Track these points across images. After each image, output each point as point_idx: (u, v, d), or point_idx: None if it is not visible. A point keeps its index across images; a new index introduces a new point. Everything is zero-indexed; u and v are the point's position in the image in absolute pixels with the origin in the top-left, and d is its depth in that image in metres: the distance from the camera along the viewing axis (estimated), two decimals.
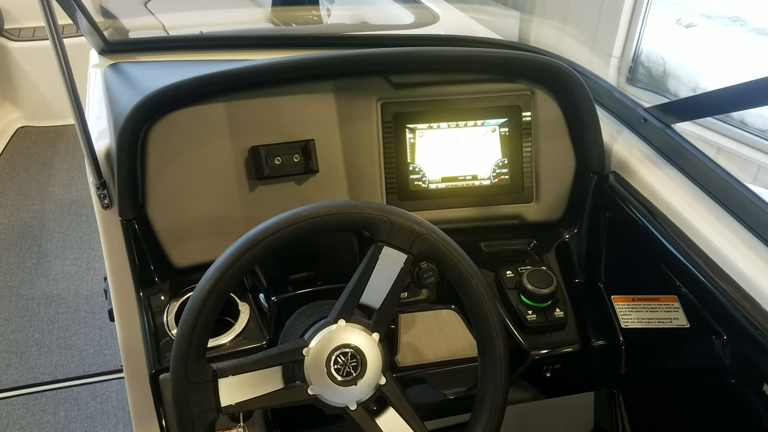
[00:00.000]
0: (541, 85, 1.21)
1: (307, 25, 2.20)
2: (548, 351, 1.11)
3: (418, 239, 0.87)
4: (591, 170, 1.22)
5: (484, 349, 0.90)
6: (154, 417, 1.52)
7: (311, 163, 1.13)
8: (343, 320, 0.88)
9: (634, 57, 2.42)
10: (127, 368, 1.45)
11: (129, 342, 1.41)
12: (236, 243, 0.84)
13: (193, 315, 0.81)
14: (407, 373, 1.10)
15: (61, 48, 1.03)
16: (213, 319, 0.83)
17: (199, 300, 0.82)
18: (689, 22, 2.23)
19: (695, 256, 1.06)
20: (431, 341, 1.14)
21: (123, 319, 1.38)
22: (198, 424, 0.82)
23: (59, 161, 3.31)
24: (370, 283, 0.88)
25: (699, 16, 2.21)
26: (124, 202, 1.08)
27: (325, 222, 0.85)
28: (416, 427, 0.88)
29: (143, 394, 1.48)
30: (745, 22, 2.10)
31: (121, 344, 1.41)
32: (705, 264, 1.05)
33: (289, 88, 1.15)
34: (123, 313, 1.37)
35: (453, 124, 1.20)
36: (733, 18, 2.13)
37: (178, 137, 1.10)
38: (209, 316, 0.82)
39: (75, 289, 2.49)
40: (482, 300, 0.88)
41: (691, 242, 1.08)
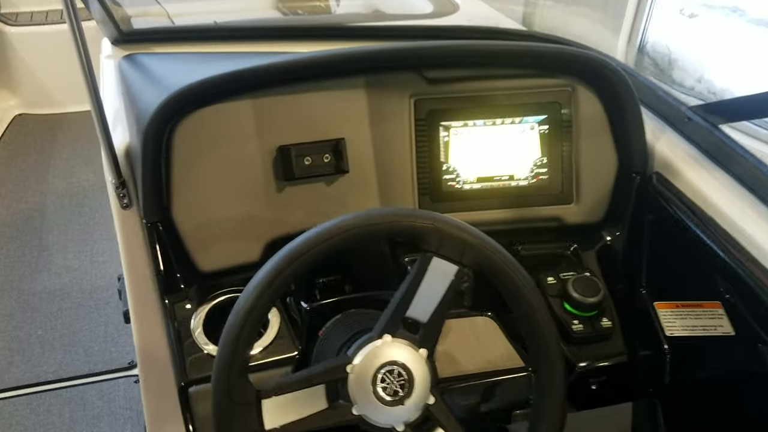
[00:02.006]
0: (583, 80, 1.16)
1: (319, 15, 2.13)
2: (595, 363, 1.06)
3: (470, 249, 0.81)
4: (633, 171, 1.17)
5: (540, 365, 0.85)
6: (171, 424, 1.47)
7: (342, 164, 1.08)
8: (389, 335, 0.82)
9: (640, 47, 2.37)
10: (144, 373, 1.40)
11: (146, 346, 1.36)
12: (280, 253, 0.79)
13: (236, 331, 0.76)
14: (446, 386, 1.05)
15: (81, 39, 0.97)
16: (255, 335, 0.78)
17: (241, 315, 0.76)
18: (692, 12, 2.19)
19: (745, 261, 1.01)
20: (468, 351, 1.08)
21: (140, 322, 1.33)
22: None
23: (59, 150, 3.23)
24: (417, 296, 0.82)
25: (700, 6, 2.16)
26: (149, 204, 1.02)
27: (372, 231, 0.79)
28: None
29: (160, 400, 1.43)
30: (744, 12, 2.06)
31: (138, 348, 1.36)
32: (755, 268, 1.00)
33: (318, 84, 1.09)
34: (141, 316, 1.32)
35: (489, 122, 1.15)
36: (732, 8, 2.09)
37: (203, 136, 1.04)
38: (251, 332, 0.77)
39: (78, 283, 2.43)
40: (538, 314, 0.83)
41: (740, 246, 1.03)
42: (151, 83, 1.12)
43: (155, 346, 1.37)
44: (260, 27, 1.49)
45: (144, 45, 1.42)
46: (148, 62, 1.29)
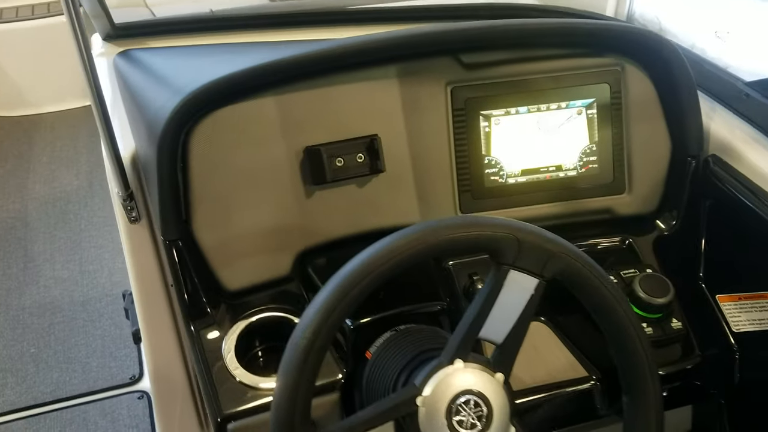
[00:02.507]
0: (632, 58, 1.06)
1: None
2: (669, 369, 0.97)
3: (552, 259, 0.71)
4: (689, 154, 1.08)
5: (634, 387, 0.75)
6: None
7: (378, 163, 0.97)
8: (461, 360, 0.72)
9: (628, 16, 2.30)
10: (158, 394, 1.30)
11: (159, 366, 1.25)
12: (337, 279, 0.68)
13: (296, 372, 0.65)
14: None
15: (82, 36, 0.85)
16: (317, 372, 0.67)
17: (301, 353, 0.65)
18: None
19: None
20: (527, 361, 0.99)
21: (153, 343, 1.22)
22: None
23: (37, 154, 3.07)
24: (491, 315, 0.72)
25: None
26: (167, 220, 0.91)
27: (440, 246, 0.69)
28: None
29: (176, 423, 1.33)
30: None
31: (150, 369, 1.25)
32: None
33: (345, 76, 0.98)
34: (153, 337, 1.21)
35: (533, 108, 1.04)
36: None
37: (223, 140, 0.93)
38: (314, 371, 0.66)
39: (69, 295, 2.29)
40: (631, 330, 0.74)
41: None
42: (159, 84, 1.00)
43: (169, 367, 1.27)
44: (263, 14, 1.37)
45: (138, 39, 1.30)
46: (147, 59, 1.16)
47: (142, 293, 1.18)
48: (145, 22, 1.30)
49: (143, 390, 1.96)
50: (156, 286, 1.17)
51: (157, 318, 1.20)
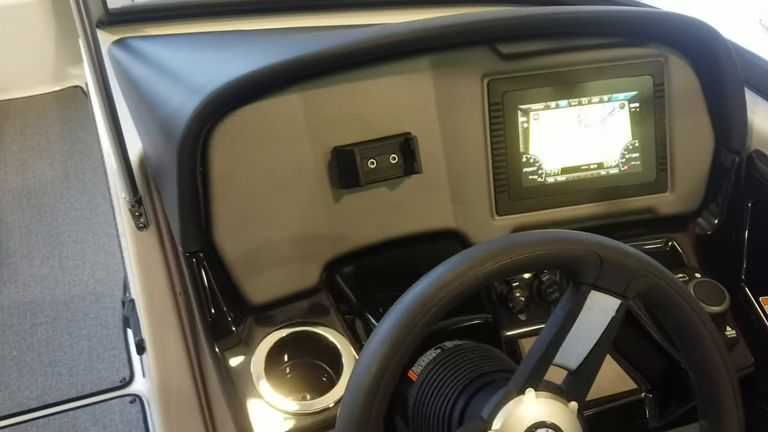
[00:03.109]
0: (676, 48, 1.00)
1: None
2: None
3: (636, 278, 0.65)
4: (732, 150, 1.02)
5: (716, 413, 0.70)
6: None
7: (414, 164, 0.89)
8: (532, 389, 0.66)
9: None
10: (163, 407, 1.22)
11: (166, 378, 1.18)
12: (405, 304, 0.61)
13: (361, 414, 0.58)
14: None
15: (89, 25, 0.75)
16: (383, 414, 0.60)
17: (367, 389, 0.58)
18: None
19: None
20: None
21: (159, 354, 1.14)
22: None
23: (7, 143, 2.91)
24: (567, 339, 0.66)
25: None
26: (187, 231, 0.82)
27: (516, 265, 0.62)
28: None
29: None
30: None
31: (156, 380, 1.18)
32: None
33: (375, 69, 0.90)
34: (159, 348, 1.14)
35: (574, 102, 0.98)
36: None
37: (246, 141, 0.84)
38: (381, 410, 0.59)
39: (51, 294, 2.18)
40: (717, 355, 0.68)
41: None
42: (171, 80, 0.90)
43: (177, 379, 1.19)
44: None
45: (133, 26, 1.19)
46: (149, 49, 1.07)
47: (149, 303, 1.09)
48: (142, 7, 1.20)
49: (135, 393, 1.87)
50: (164, 295, 1.08)
51: (164, 328, 1.12)
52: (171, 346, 1.14)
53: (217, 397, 1.16)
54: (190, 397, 1.22)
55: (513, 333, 0.96)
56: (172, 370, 1.18)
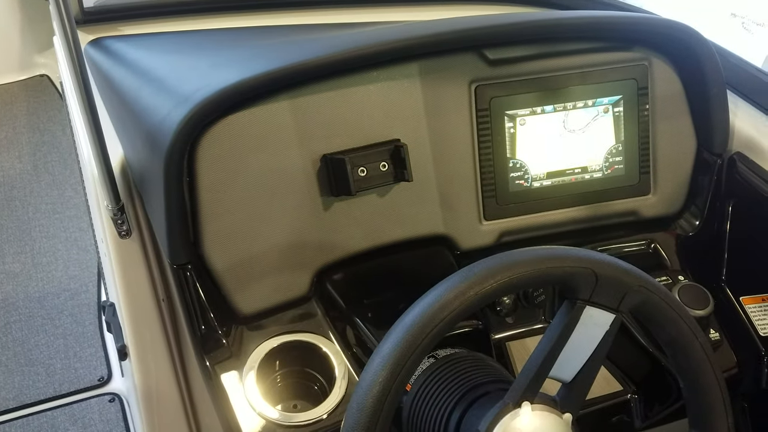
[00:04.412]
0: (660, 52, 1.00)
1: None
2: None
3: (630, 293, 0.66)
4: (713, 152, 1.04)
5: (706, 422, 0.72)
6: None
7: (405, 172, 0.89)
8: (528, 402, 0.67)
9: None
10: (146, 411, 1.21)
11: (149, 386, 1.17)
12: (405, 326, 0.61)
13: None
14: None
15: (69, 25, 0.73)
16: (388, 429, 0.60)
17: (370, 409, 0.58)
18: None
19: None
20: None
21: (143, 360, 1.13)
22: None
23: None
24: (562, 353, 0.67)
25: None
26: (175, 243, 0.81)
27: (513, 284, 0.63)
28: None
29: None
30: None
31: (140, 386, 1.17)
32: None
33: (364, 76, 0.89)
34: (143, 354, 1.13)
35: (560, 107, 0.98)
36: None
37: (233, 150, 0.83)
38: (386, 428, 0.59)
39: (24, 291, 2.14)
40: (708, 366, 0.70)
41: None
42: (155, 86, 0.89)
43: (161, 384, 1.18)
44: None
45: (110, 25, 1.17)
46: (127, 51, 1.04)
47: (132, 309, 1.08)
48: (118, 6, 1.17)
49: (114, 392, 1.85)
50: (147, 302, 1.07)
51: (147, 334, 1.11)
52: (155, 353, 1.13)
53: (202, 404, 1.16)
54: (175, 403, 1.22)
55: (501, 336, 0.97)
56: (156, 377, 1.17)
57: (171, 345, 1.13)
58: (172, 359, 1.15)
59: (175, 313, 1.07)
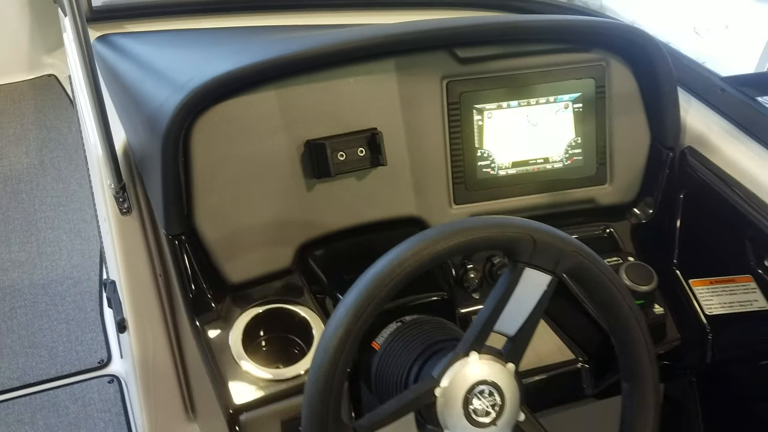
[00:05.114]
0: (617, 53, 1.10)
1: None
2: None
3: (564, 257, 0.76)
4: (666, 146, 1.13)
5: (634, 377, 0.81)
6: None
7: (380, 157, 0.99)
8: (476, 352, 0.76)
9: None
10: (143, 383, 1.31)
11: (145, 356, 1.26)
12: (366, 280, 0.71)
13: (329, 368, 0.68)
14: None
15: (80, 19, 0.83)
16: (348, 368, 0.70)
17: (334, 349, 0.68)
18: None
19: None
20: None
21: (140, 332, 1.23)
22: None
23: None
24: (505, 309, 0.76)
25: None
26: (171, 215, 0.91)
27: (461, 246, 0.72)
28: None
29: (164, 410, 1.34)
30: None
31: (137, 358, 1.26)
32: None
33: (345, 70, 0.99)
34: (141, 326, 1.22)
35: (524, 102, 1.08)
36: None
37: (225, 133, 0.93)
38: (344, 371, 0.69)
39: (29, 278, 2.24)
40: (635, 323, 0.79)
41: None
42: (155, 77, 0.98)
43: (156, 356, 1.27)
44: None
45: (116, 23, 1.27)
46: (133, 46, 1.14)
47: (131, 283, 1.17)
48: (124, 5, 1.27)
49: (113, 374, 1.95)
50: (145, 276, 1.17)
51: (145, 307, 1.20)
52: (151, 325, 1.23)
53: (195, 373, 1.25)
54: (169, 373, 1.31)
55: (468, 310, 1.07)
56: (152, 348, 1.26)
57: (167, 317, 1.22)
58: (167, 331, 1.24)
59: (170, 287, 1.16)
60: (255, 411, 0.88)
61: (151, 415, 1.35)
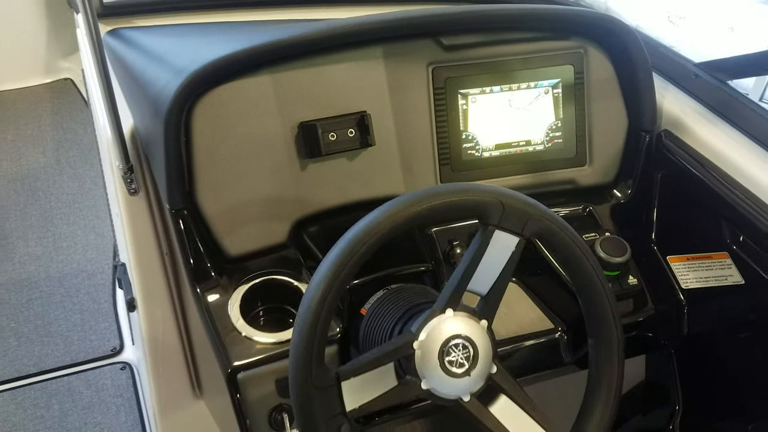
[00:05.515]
0: (595, 41, 1.17)
1: None
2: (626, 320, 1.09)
3: (531, 220, 0.82)
4: (643, 129, 1.19)
5: (599, 330, 0.87)
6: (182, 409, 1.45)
7: (369, 138, 1.06)
8: (451, 309, 0.83)
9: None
10: (151, 359, 1.37)
11: (154, 333, 1.33)
12: (346, 240, 0.77)
13: (313, 317, 0.74)
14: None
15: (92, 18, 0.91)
16: (329, 323, 0.77)
17: (317, 300, 0.75)
18: None
19: (754, 206, 1.06)
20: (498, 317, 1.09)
21: (149, 309, 1.29)
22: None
23: (2, 132, 3.04)
24: (478, 269, 0.83)
25: None
26: (173, 190, 0.98)
27: (435, 209, 0.79)
28: (532, 412, 0.85)
29: (170, 386, 1.41)
30: None
31: (146, 335, 1.33)
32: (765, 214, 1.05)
33: (336, 56, 1.06)
34: (149, 304, 1.29)
35: (506, 87, 1.15)
36: None
37: (223, 115, 1.00)
38: (327, 321, 0.76)
39: (45, 271, 2.33)
40: (596, 281, 0.85)
41: (750, 193, 1.08)
42: (159, 63, 1.06)
43: (164, 332, 1.34)
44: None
45: (125, 18, 1.35)
46: (141, 38, 1.22)
47: (139, 262, 1.24)
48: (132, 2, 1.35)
49: (125, 361, 2.03)
50: (152, 255, 1.24)
51: (153, 285, 1.27)
52: (159, 303, 1.30)
53: (201, 351, 1.32)
54: (176, 350, 1.38)
55: None
56: (160, 326, 1.33)
57: (173, 296, 1.30)
58: (174, 309, 1.31)
59: (177, 266, 1.23)
60: (252, 370, 0.95)
61: (159, 390, 1.42)
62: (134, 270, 1.26)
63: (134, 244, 1.22)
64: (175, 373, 1.42)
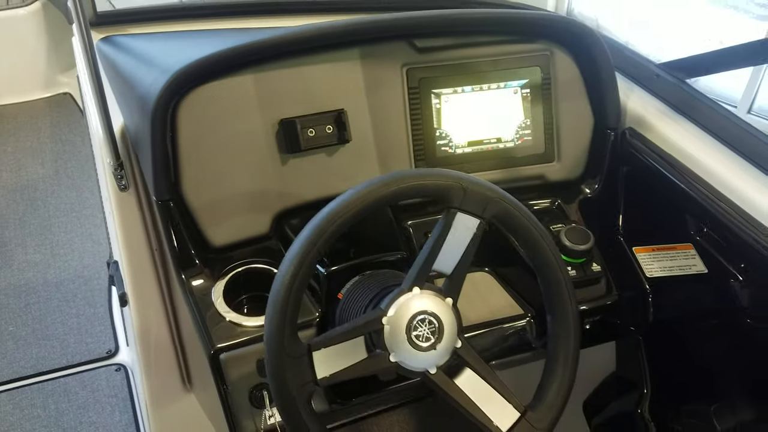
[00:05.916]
0: (560, 44, 1.23)
1: None
2: (589, 305, 1.15)
3: (491, 203, 0.88)
4: (608, 127, 1.26)
5: (556, 308, 0.93)
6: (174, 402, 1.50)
7: (345, 134, 1.12)
8: (418, 288, 0.89)
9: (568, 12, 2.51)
10: (143, 352, 1.42)
11: (145, 326, 1.38)
12: (320, 215, 0.83)
13: (286, 291, 0.80)
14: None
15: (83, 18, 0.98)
16: (301, 297, 0.82)
17: (290, 276, 0.81)
18: None
19: (714, 198, 1.12)
20: (471, 304, 1.16)
21: (140, 303, 1.35)
22: (299, 397, 0.82)
23: (2, 144, 3.12)
24: (442, 250, 0.88)
25: None
26: (159, 183, 1.04)
27: (401, 191, 0.85)
28: (495, 384, 0.90)
29: (161, 378, 1.46)
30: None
31: (137, 329, 1.38)
32: (726, 206, 1.10)
33: (314, 57, 1.13)
34: (140, 298, 1.34)
35: (477, 88, 1.21)
36: None
37: (207, 112, 1.07)
38: (299, 296, 0.82)
39: (43, 277, 2.39)
40: (552, 260, 0.91)
41: (710, 185, 1.13)
42: (147, 65, 1.13)
43: (155, 325, 1.39)
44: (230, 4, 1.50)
45: (119, 26, 1.42)
46: (132, 44, 1.29)
47: (130, 257, 1.30)
48: (126, 10, 1.42)
49: (120, 363, 2.08)
50: (142, 250, 1.29)
51: (143, 280, 1.33)
52: (150, 298, 1.35)
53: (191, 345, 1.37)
54: (167, 345, 1.43)
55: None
56: (151, 320, 1.38)
57: (163, 292, 1.35)
58: (164, 304, 1.37)
59: (166, 262, 1.29)
60: (233, 351, 1.00)
61: (151, 384, 1.47)
62: (125, 264, 1.31)
63: (125, 239, 1.28)
64: (166, 368, 1.47)
